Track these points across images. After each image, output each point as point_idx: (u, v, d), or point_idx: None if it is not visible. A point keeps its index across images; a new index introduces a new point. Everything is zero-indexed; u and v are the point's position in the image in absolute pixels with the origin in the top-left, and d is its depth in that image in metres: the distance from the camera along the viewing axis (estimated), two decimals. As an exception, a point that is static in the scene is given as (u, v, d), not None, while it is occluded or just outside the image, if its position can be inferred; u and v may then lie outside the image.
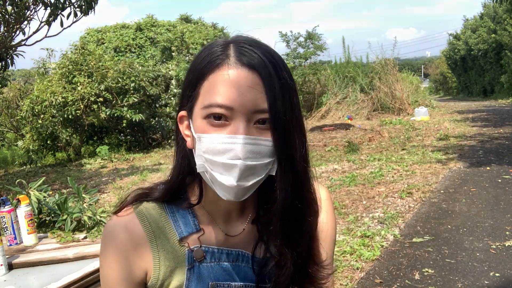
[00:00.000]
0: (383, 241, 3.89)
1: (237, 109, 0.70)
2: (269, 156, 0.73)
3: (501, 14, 22.75)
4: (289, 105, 0.74)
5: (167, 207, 0.84)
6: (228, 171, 0.71)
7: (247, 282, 0.84)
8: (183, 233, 0.82)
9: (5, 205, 2.16)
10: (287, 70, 0.76)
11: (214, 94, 0.72)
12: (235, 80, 0.71)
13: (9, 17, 6.11)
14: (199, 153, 0.74)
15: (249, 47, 0.74)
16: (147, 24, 16.37)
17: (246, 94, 0.70)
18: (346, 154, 8.14)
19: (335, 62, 18.45)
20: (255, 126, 0.72)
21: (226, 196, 0.73)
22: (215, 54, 0.74)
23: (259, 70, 0.72)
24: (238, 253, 0.84)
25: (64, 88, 10.16)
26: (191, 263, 0.82)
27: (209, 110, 0.72)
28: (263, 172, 0.74)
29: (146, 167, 8.52)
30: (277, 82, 0.73)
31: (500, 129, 10.63)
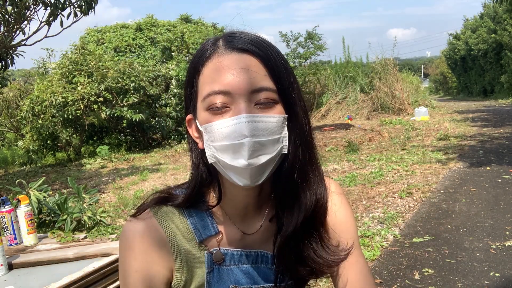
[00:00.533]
0: (383, 241, 3.89)
1: (234, 92, 0.71)
2: (276, 132, 0.73)
3: (501, 14, 22.74)
4: (289, 83, 0.75)
5: (185, 210, 0.84)
6: (238, 151, 0.71)
7: (267, 283, 0.84)
8: (202, 236, 0.82)
9: (5, 205, 2.17)
10: (281, 55, 0.77)
11: (210, 83, 0.73)
12: (227, 65, 0.72)
13: (9, 17, 6.11)
14: (208, 143, 0.74)
15: (239, 34, 0.75)
16: (147, 24, 16.37)
17: (240, 75, 0.71)
18: (346, 154, 8.15)
19: (335, 62, 18.46)
20: (256, 106, 0.72)
21: (242, 181, 0.73)
22: (206, 47, 0.76)
23: (252, 50, 0.73)
24: (257, 253, 0.84)
25: (64, 88, 10.16)
26: (210, 266, 0.82)
27: (209, 100, 0.72)
28: (273, 149, 0.73)
29: (146, 167, 8.52)
30: (273, 59, 0.74)
31: (500, 129, 10.63)
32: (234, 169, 0.72)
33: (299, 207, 0.81)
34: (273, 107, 0.73)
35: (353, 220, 0.93)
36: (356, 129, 11.77)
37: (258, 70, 0.72)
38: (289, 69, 0.77)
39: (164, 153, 10.35)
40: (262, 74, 0.72)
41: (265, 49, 0.74)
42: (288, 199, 0.81)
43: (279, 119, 0.73)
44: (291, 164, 0.77)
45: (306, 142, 0.79)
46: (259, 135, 0.71)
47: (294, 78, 0.78)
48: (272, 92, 0.73)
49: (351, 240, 0.88)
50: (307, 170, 0.80)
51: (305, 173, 0.80)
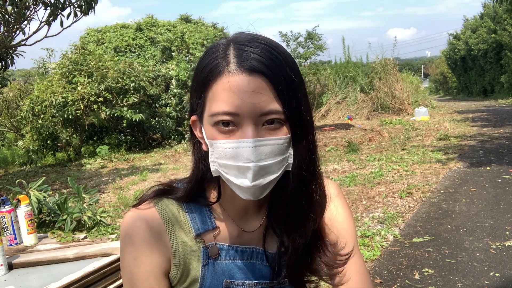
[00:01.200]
0: (383, 241, 3.89)
1: (242, 115, 0.71)
2: (282, 153, 0.74)
3: (501, 14, 22.74)
4: (297, 101, 0.75)
5: (185, 204, 0.86)
6: (243, 173, 0.72)
7: (262, 279, 0.85)
8: (200, 229, 0.84)
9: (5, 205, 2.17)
10: (291, 66, 0.75)
11: (218, 102, 0.72)
12: (237, 87, 0.71)
13: (9, 17, 6.11)
14: (213, 158, 0.75)
15: (250, 48, 0.73)
16: (147, 24, 16.36)
17: (249, 99, 0.71)
18: (346, 154, 8.15)
19: (335, 62, 18.47)
20: (264, 127, 0.73)
21: (245, 195, 0.75)
22: (216, 61, 0.74)
23: (261, 71, 0.71)
24: (252, 250, 0.85)
25: (64, 88, 10.15)
26: (206, 260, 0.83)
27: (216, 118, 0.73)
28: (278, 169, 0.75)
29: (146, 167, 8.52)
30: (283, 80, 0.73)
31: (500, 129, 10.62)
32: (238, 187, 0.74)
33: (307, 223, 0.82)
34: (280, 128, 0.74)
35: (352, 222, 0.94)
36: (356, 129, 11.77)
37: (267, 93, 0.71)
38: (299, 83, 0.76)
39: (164, 153, 10.35)
40: (271, 97, 0.72)
41: (275, 68, 0.72)
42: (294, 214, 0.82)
43: (285, 140, 0.74)
44: (297, 182, 0.78)
45: (310, 158, 0.80)
46: (264, 159, 0.72)
47: (303, 92, 0.77)
48: (280, 114, 0.73)
49: (350, 243, 0.89)
50: (311, 185, 0.82)
51: (309, 187, 0.81)
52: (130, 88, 10.67)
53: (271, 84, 0.72)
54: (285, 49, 0.77)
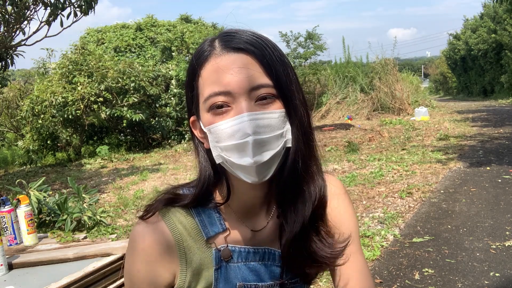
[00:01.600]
0: (383, 241, 3.89)
1: (234, 92, 0.72)
2: (279, 128, 0.75)
3: (501, 14, 22.74)
4: (286, 77, 0.76)
5: (193, 209, 0.85)
6: (243, 150, 0.72)
7: (275, 280, 0.84)
8: (210, 233, 0.83)
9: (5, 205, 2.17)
10: (277, 49, 0.77)
11: (210, 85, 0.74)
12: (224, 66, 0.73)
13: (9, 17, 6.11)
14: (213, 144, 0.76)
15: (234, 33, 0.76)
16: (147, 24, 16.37)
17: (238, 75, 0.72)
18: (346, 154, 8.15)
19: (335, 62, 18.47)
20: (257, 103, 0.73)
21: (250, 178, 0.74)
22: (203, 49, 0.77)
23: (247, 49, 0.74)
24: (264, 251, 0.85)
25: (64, 88, 10.16)
26: (218, 263, 0.82)
27: (210, 102, 0.74)
28: (277, 144, 0.75)
29: (146, 167, 8.52)
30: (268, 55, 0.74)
31: (500, 129, 10.63)
32: (241, 168, 0.74)
33: (304, 201, 0.81)
34: (273, 103, 0.74)
35: (355, 221, 0.93)
36: (356, 129, 11.77)
37: (254, 67, 0.73)
38: (286, 63, 0.78)
39: (164, 153, 10.35)
40: (259, 72, 0.73)
41: (259, 46, 0.74)
42: (291, 193, 0.81)
43: (280, 114, 0.75)
44: (293, 156, 0.78)
45: (306, 133, 0.80)
46: (261, 133, 0.72)
47: (292, 71, 0.78)
48: (271, 87, 0.74)
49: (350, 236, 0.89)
50: (308, 162, 0.81)
51: (307, 165, 0.81)
52: (130, 88, 10.67)
53: (257, 59, 0.74)
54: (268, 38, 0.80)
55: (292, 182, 0.79)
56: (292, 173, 0.78)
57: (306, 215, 0.81)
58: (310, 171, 0.82)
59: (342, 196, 0.92)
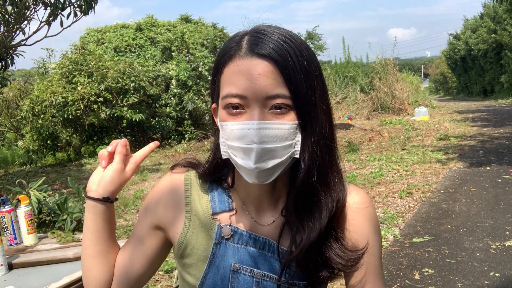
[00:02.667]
0: (383, 241, 3.89)
1: (250, 97, 0.73)
2: (288, 139, 0.75)
3: (501, 14, 22.74)
4: (307, 87, 0.75)
5: (209, 184, 0.90)
6: (247, 155, 0.74)
7: (271, 272, 0.84)
8: (217, 209, 0.87)
9: (5, 205, 2.16)
10: (303, 53, 0.76)
11: (228, 85, 0.76)
12: (245, 70, 0.74)
13: (9, 17, 6.11)
14: (223, 140, 0.79)
15: (263, 35, 0.76)
16: (147, 24, 16.36)
17: (257, 82, 0.73)
18: (346, 154, 8.14)
19: (335, 62, 18.47)
20: (270, 111, 0.74)
21: (250, 179, 0.77)
22: (230, 46, 0.78)
23: (270, 56, 0.73)
24: (265, 240, 0.85)
25: (64, 88, 10.15)
26: (218, 238, 0.85)
27: (226, 101, 0.76)
28: (283, 154, 0.75)
29: (146, 167, 8.52)
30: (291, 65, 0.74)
31: (500, 129, 10.63)
32: (243, 168, 0.76)
33: (320, 211, 0.81)
34: (287, 113, 0.75)
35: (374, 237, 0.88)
36: (356, 129, 11.77)
37: (274, 77, 0.73)
38: (311, 71, 0.76)
39: (164, 153, 10.35)
40: (278, 81, 0.73)
41: (284, 54, 0.73)
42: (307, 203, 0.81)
43: (291, 126, 0.75)
44: (307, 169, 0.78)
45: (325, 145, 0.79)
46: (268, 142, 0.73)
47: (317, 80, 0.77)
48: (287, 98, 0.74)
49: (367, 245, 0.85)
50: (326, 173, 0.81)
51: (324, 176, 0.80)
52: (130, 88, 10.67)
53: (278, 69, 0.73)
54: (302, 40, 0.79)
55: (307, 192, 0.80)
56: (306, 184, 0.79)
57: (323, 224, 0.81)
58: (328, 181, 0.82)
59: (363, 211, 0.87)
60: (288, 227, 0.83)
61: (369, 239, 0.86)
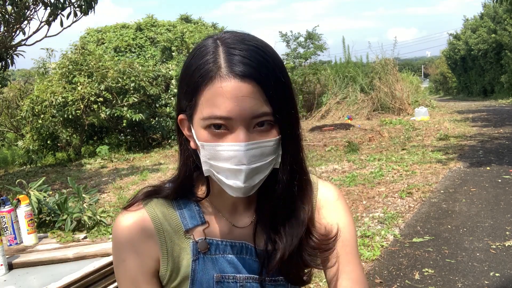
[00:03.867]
0: (383, 241, 3.89)
1: (235, 118, 0.72)
2: (272, 154, 0.77)
3: (501, 14, 22.73)
4: (285, 102, 0.76)
5: (175, 201, 0.87)
6: (234, 175, 0.74)
7: (252, 274, 0.86)
8: (189, 225, 0.85)
9: (5, 205, 2.17)
10: (279, 67, 0.77)
11: (211, 107, 0.73)
12: (229, 92, 0.72)
13: (9, 17, 6.11)
14: (204, 159, 0.77)
15: (239, 51, 0.74)
16: (147, 24, 16.36)
17: (242, 103, 0.72)
18: (346, 154, 8.14)
19: (335, 62, 18.46)
20: (255, 130, 0.74)
21: (235, 194, 0.77)
22: (207, 66, 0.74)
23: (252, 76, 0.72)
24: (242, 245, 0.86)
25: (64, 88, 10.15)
26: (195, 254, 0.84)
27: (208, 122, 0.74)
28: (268, 168, 0.77)
29: (146, 167, 8.52)
30: (272, 84, 0.74)
31: (500, 129, 10.63)
32: (229, 187, 0.76)
33: (298, 217, 0.84)
34: (271, 130, 0.76)
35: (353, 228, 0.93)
36: (356, 129, 11.77)
37: (258, 97, 0.73)
38: (287, 83, 0.77)
39: (164, 153, 10.35)
40: (261, 100, 0.73)
41: (265, 72, 0.73)
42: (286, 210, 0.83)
43: (275, 141, 0.76)
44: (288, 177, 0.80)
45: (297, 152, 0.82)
46: (256, 161, 0.74)
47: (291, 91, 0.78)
48: (270, 115, 0.74)
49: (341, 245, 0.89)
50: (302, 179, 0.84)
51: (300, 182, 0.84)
52: (130, 88, 10.67)
53: (261, 88, 0.73)
54: (273, 50, 0.78)
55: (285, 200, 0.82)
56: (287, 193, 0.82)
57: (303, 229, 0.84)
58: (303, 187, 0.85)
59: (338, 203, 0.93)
60: (261, 226, 0.85)
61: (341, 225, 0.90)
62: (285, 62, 17.16)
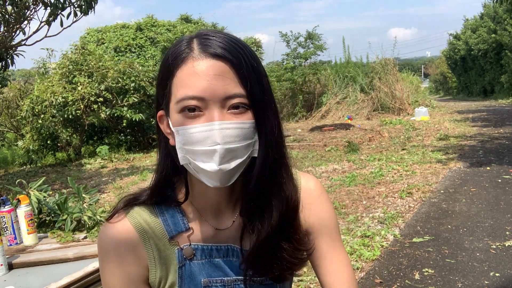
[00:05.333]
0: (383, 241, 3.89)
1: (208, 98, 0.72)
2: (248, 138, 0.75)
3: (501, 14, 22.74)
4: (260, 87, 0.76)
5: (157, 207, 0.86)
6: (209, 157, 0.73)
7: (240, 276, 0.85)
8: (173, 232, 0.84)
9: (5, 205, 2.17)
10: (254, 57, 0.77)
11: (184, 87, 0.74)
12: (201, 71, 0.73)
13: (9, 17, 6.11)
14: (179, 145, 0.76)
15: (213, 37, 0.76)
16: (147, 24, 16.36)
17: (214, 82, 0.72)
18: (346, 154, 8.14)
19: (335, 62, 18.47)
20: (229, 112, 0.74)
21: (212, 182, 0.75)
22: (180, 49, 0.76)
23: (225, 57, 0.74)
24: (227, 247, 0.86)
25: (64, 88, 10.15)
26: (181, 261, 0.83)
27: (182, 104, 0.74)
28: (244, 154, 0.76)
29: (146, 167, 8.52)
30: (245, 65, 0.75)
31: (500, 129, 10.63)
32: (205, 172, 0.74)
33: (271, 209, 0.83)
34: (245, 113, 0.75)
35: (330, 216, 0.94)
36: (356, 129, 11.77)
37: (231, 76, 0.73)
38: (262, 72, 0.78)
39: (164, 153, 10.35)
40: (234, 81, 0.73)
41: (237, 55, 0.74)
42: (259, 200, 0.82)
43: (251, 125, 0.75)
44: (260, 166, 0.78)
45: (276, 143, 0.80)
46: (231, 142, 0.73)
47: (266, 80, 0.79)
48: (244, 97, 0.74)
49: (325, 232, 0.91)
50: (277, 172, 0.82)
51: (275, 174, 0.82)
52: (130, 88, 10.67)
53: (234, 68, 0.74)
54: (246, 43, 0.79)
55: (259, 191, 0.81)
56: (260, 182, 0.79)
57: (273, 223, 0.82)
58: (278, 180, 0.83)
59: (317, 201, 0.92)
60: (247, 227, 0.84)
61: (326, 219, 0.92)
62: (285, 62, 17.21)
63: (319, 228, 0.91)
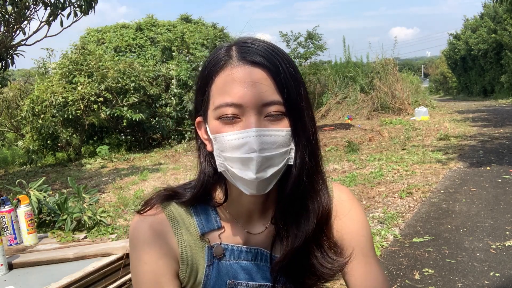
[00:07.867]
0: (383, 241, 3.89)
1: (246, 105, 0.73)
2: (284, 145, 0.75)
3: (501, 14, 22.73)
4: (297, 94, 0.76)
5: (193, 208, 0.87)
6: (246, 165, 0.73)
7: (266, 281, 0.85)
8: (205, 229, 0.85)
9: (5, 205, 2.17)
10: (292, 64, 0.78)
11: (222, 95, 0.74)
12: (239, 78, 0.73)
13: (9, 17, 6.11)
14: (217, 152, 0.76)
15: (251, 44, 0.76)
16: (147, 24, 16.35)
17: (252, 89, 0.73)
18: (346, 154, 8.14)
19: (335, 62, 18.46)
20: (266, 119, 0.74)
21: (249, 190, 0.76)
22: (219, 57, 0.77)
23: (263, 64, 0.74)
24: (257, 251, 0.85)
25: (64, 88, 10.16)
26: (210, 260, 0.84)
27: (220, 111, 0.74)
28: (280, 162, 0.76)
29: (146, 167, 8.52)
30: (282, 72, 0.75)
31: (500, 129, 10.62)
32: (242, 180, 0.75)
33: (307, 217, 0.82)
34: (282, 120, 0.75)
35: (364, 231, 0.92)
36: (356, 129, 11.77)
37: (268, 83, 0.74)
38: (299, 79, 0.78)
39: (164, 153, 10.35)
40: (271, 88, 0.74)
41: (275, 62, 0.75)
42: (295, 208, 0.82)
43: (287, 132, 0.75)
44: (297, 174, 0.78)
45: (312, 151, 0.80)
46: (267, 149, 0.73)
47: (303, 87, 0.79)
48: (281, 105, 0.74)
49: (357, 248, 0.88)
50: (314, 178, 0.82)
51: (311, 181, 0.82)
52: (130, 88, 10.67)
53: (271, 76, 0.74)
54: (284, 50, 0.80)
55: (295, 198, 0.80)
56: (296, 190, 0.79)
57: (309, 230, 0.82)
58: (314, 187, 0.83)
59: (349, 208, 0.91)
60: (279, 235, 0.84)
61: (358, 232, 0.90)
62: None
63: (350, 241, 0.89)
